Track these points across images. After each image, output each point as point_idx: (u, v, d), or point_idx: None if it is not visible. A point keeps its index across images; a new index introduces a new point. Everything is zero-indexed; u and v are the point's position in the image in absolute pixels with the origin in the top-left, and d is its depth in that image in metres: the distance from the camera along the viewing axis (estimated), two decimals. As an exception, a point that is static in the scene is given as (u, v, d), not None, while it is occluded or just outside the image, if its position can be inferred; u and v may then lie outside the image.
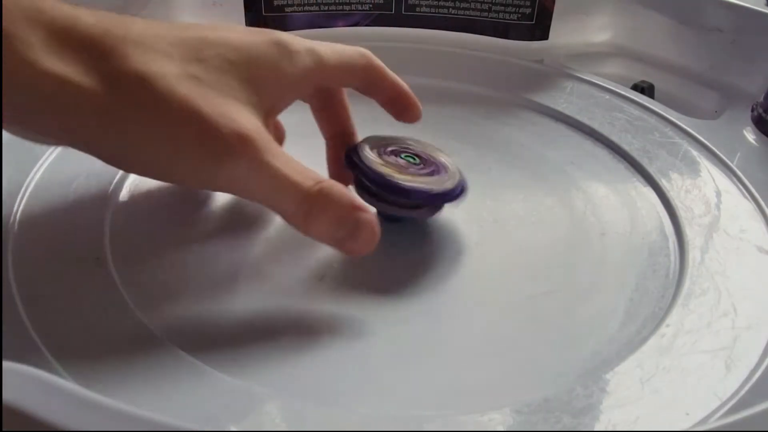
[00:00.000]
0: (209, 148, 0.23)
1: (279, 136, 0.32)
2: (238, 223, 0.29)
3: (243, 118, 0.24)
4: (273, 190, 0.24)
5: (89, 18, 0.23)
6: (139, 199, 0.31)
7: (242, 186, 0.25)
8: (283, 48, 0.26)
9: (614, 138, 0.37)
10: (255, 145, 0.24)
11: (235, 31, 0.26)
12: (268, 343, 0.25)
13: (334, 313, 0.26)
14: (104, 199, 0.30)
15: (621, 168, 0.36)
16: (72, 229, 0.29)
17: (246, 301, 0.26)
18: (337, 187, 0.25)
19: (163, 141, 0.24)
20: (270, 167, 0.24)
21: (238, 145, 0.24)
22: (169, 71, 0.24)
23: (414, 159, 0.30)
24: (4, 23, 0.21)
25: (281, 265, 0.28)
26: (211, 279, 0.27)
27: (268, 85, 0.26)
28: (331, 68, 0.28)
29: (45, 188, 0.30)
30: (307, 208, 0.24)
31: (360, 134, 0.31)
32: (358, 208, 0.25)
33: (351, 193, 0.25)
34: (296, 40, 0.27)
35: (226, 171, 0.24)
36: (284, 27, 0.44)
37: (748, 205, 0.33)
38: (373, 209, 0.27)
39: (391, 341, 0.25)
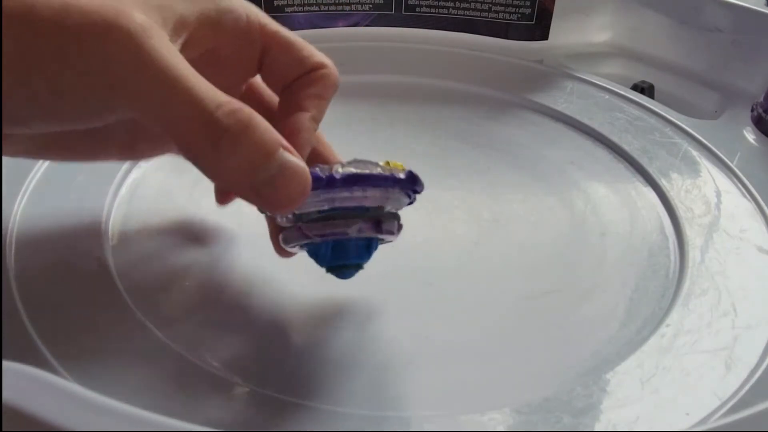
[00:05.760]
0: (68, 26, 0.19)
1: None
2: (239, 224, 0.29)
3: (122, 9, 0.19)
4: (167, 100, 0.19)
5: None
6: (139, 199, 0.31)
7: (123, 93, 0.19)
8: None
9: (614, 138, 0.37)
10: (131, 28, 0.19)
11: None
12: (268, 343, 0.25)
13: (334, 313, 0.26)
14: (104, 199, 0.30)
15: (621, 168, 0.36)
16: (72, 230, 0.29)
17: (246, 302, 0.26)
18: (257, 115, 0.20)
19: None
20: (158, 62, 0.19)
21: (110, 24, 0.19)
22: None
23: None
24: None
25: (282, 266, 0.28)
26: (210, 279, 0.27)
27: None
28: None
29: (45, 188, 0.30)
30: (217, 134, 0.19)
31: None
32: (285, 147, 0.20)
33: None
34: None
35: (91, 57, 0.19)
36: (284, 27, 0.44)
37: (748, 205, 0.33)
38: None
39: (391, 341, 0.25)
